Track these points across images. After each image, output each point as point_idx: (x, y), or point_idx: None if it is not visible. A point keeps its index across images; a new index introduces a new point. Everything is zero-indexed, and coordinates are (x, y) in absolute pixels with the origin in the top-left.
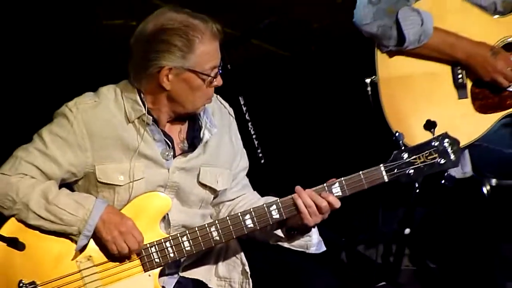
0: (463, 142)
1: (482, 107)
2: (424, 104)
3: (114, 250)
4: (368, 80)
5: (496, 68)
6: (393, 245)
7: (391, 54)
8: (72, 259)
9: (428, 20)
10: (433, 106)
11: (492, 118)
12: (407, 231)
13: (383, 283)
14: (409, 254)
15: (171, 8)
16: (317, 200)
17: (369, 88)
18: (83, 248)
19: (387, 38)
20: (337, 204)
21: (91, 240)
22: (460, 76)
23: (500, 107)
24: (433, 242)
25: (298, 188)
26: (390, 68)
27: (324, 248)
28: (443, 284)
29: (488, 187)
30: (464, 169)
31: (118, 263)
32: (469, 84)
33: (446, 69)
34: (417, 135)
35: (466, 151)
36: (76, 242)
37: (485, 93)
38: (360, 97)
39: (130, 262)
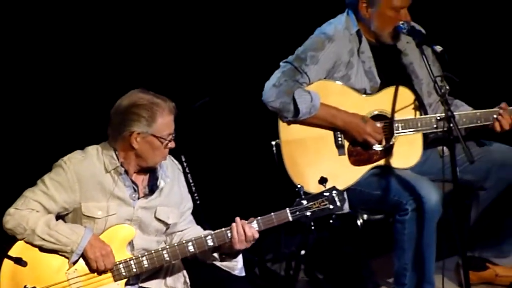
0: (342, 187)
1: (356, 162)
2: (315, 160)
3: (95, 266)
4: (273, 142)
5: (366, 132)
6: (292, 262)
7: (289, 122)
8: (63, 271)
9: (316, 98)
10: (321, 161)
11: (363, 169)
12: (303, 252)
13: None
14: (304, 269)
15: (141, 90)
16: (248, 231)
17: (274, 149)
18: (73, 263)
19: (287, 111)
20: (257, 235)
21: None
22: (339, 138)
23: (369, 161)
24: (321, 260)
25: (237, 219)
26: (289, 133)
27: (244, 274)
28: None
29: (361, 220)
30: (343, 207)
31: (96, 274)
32: (346, 144)
33: (330, 134)
34: (312, 185)
35: (345, 193)
36: (68, 259)
37: (358, 151)
38: (269, 156)
39: (104, 274)
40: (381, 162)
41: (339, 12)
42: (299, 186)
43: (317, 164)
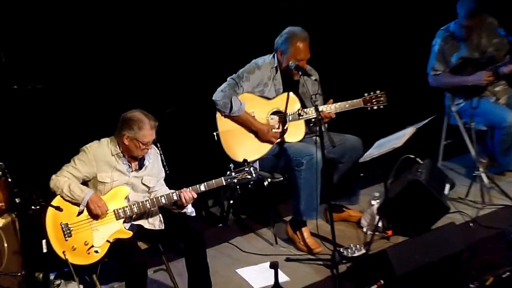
0: (257, 157)
1: (265, 142)
2: (241, 142)
3: (94, 212)
4: (215, 133)
5: (268, 137)
6: (225, 208)
7: (225, 117)
8: (85, 213)
9: (243, 104)
10: (244, 142)
11: (270, 145)
12: (231, 202)
13: (221, 224)
14: (232, 212)
15: (139, 110)
16: (191, 196)
17: (216, 138)
18: (84, 209)
19: (225, 108)
20: (195, 196)
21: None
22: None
23: (272, 142)
24: (242, 207)
25: (183, 189)
26: (224, 126)
27: (194, 214)
28: (248, 225)
29: (267, 182)
30: (257, 177)
31: (104, 216)
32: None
33: (250, 129)
34: (240, 159)
35: (258, 168)
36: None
37: None
38: (213, 142)
39: (109, 216)
40: (281, 139)
41: (270, 51)
42: (231, 164)
43: (242, 144)
